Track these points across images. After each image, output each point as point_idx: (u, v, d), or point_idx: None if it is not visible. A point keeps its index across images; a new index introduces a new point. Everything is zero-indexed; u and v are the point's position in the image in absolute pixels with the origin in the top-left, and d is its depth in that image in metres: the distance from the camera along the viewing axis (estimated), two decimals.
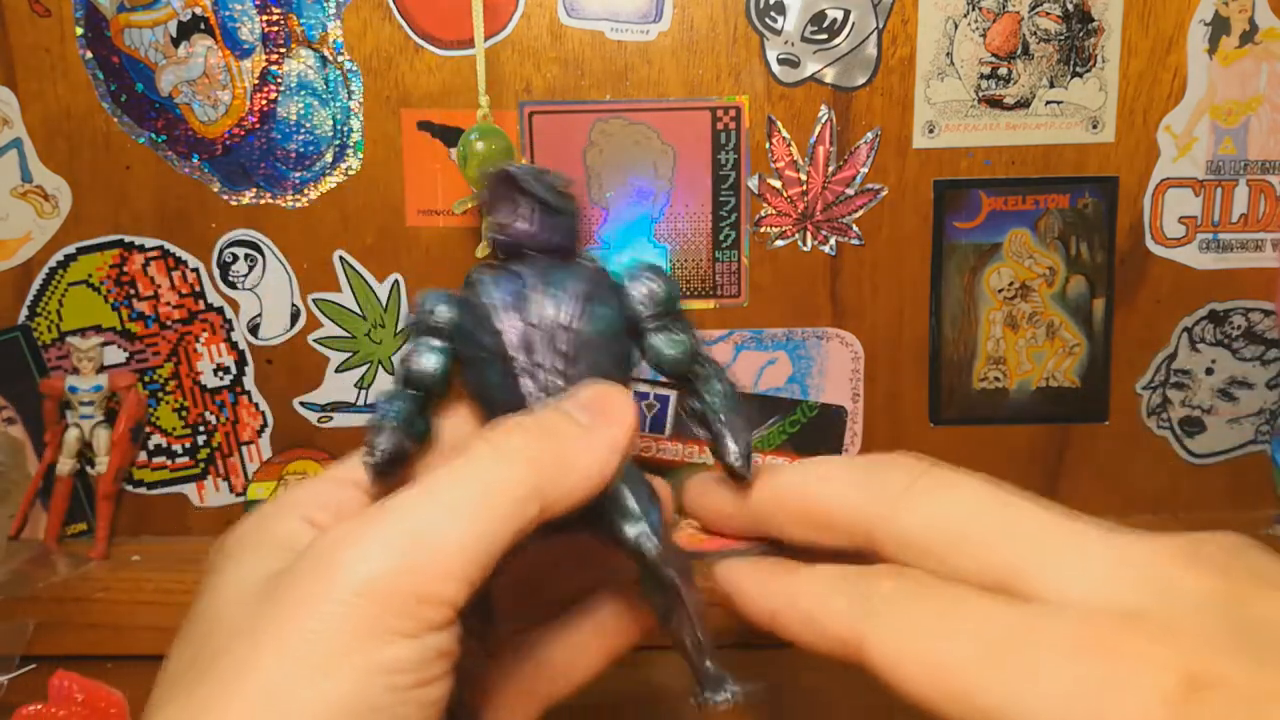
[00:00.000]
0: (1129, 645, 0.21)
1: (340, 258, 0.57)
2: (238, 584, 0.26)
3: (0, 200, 0.56)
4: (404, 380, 0.31)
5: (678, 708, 0.49)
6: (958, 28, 0.54)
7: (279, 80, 0.55)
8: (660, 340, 0.31)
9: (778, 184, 0.56)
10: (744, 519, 0.31)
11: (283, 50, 0.55)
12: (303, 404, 0.58)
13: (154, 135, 0.56)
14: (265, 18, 0.54)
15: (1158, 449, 0.59)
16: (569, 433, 0.27)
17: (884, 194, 0.56)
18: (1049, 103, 0.55)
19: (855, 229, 0.56)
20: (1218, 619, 0.22)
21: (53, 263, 0.57)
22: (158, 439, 0.59)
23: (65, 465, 0.57)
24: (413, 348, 0.31)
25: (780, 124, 0.55)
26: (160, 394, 0.58)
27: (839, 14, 0.54)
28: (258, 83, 0.55)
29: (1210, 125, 0.55)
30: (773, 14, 0.54)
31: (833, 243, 0.56)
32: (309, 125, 0.55)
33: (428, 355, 0.31)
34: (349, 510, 0.29)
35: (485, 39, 0.51)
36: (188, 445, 0.59)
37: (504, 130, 0.51)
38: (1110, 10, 0.54)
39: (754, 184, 0.56)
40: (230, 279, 0.57)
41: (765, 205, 0.56)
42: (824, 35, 0.54)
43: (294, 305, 0.57)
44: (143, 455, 0.59)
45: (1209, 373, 0.58)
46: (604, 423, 0.28)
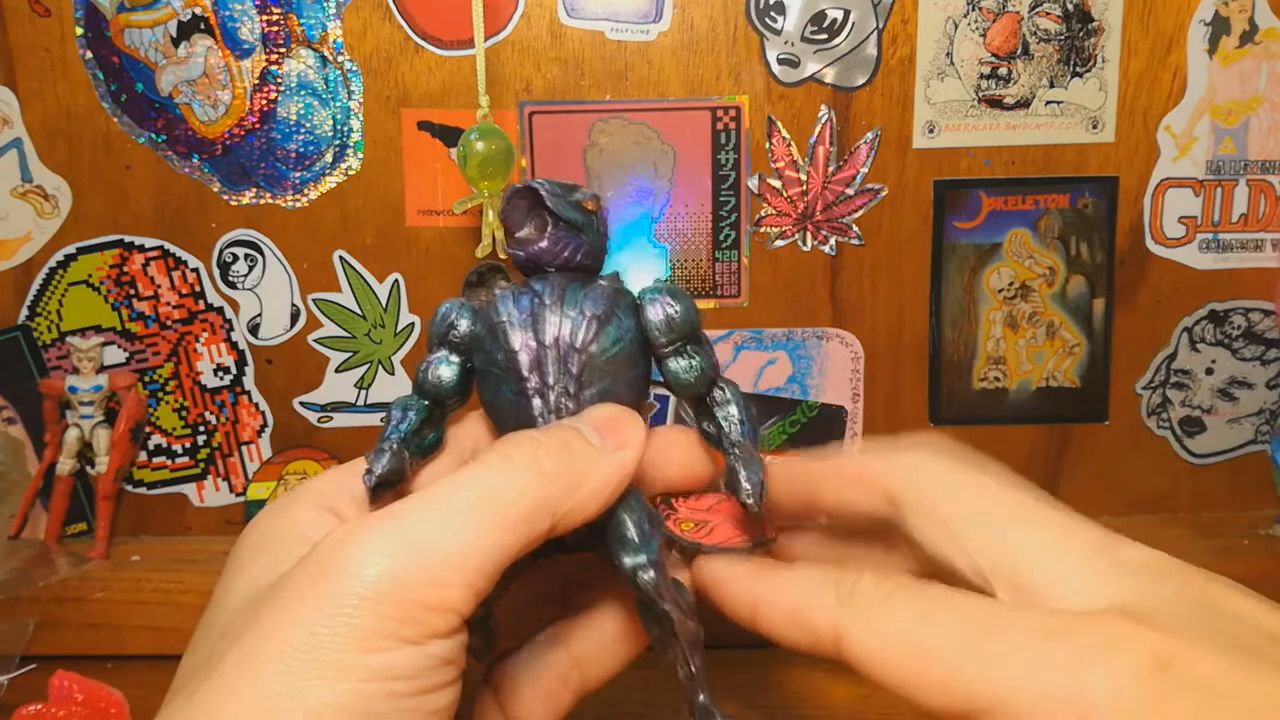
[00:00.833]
0: (1104, 629, 0.22)
1: (340, 258, 0.57)
2: (251, 581, 0.26)
3: (0, 200, 0.56)
4: (419, 389, 0.31)
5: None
6: (958, 28, 0.54)
7: (279, 80, 0.55)
8: (677, 366, 0.31)
9: (778, 184, 0.56)
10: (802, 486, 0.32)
11: (283, 50, 0.55)
12: (303, 404, 0.58)
13: (154, 135, 0.56)
14: (265, 18, 0.54)
15: (1158, 449, 0.59)
16: (581, 451, 0.27)
17: (884, 194, 0.56)
18: (1049, 103, 0.55)
19: (855, 229, 0.56)
20: (1190, 614, 0.23)
21: (53, 263, 0.57)
22: (158, 439, 0.59)
23: (65, 465, 0.57)
24: (429, 358, 0.31)
25: (780, 124, 0.55)
26: (160, 394, 0.58)
27: (839, 14, 0.54)
28: (258, 83, 0.55)
29: (1210, 125, 0.55)
30: (773, 14, 0.54)
31: (833, 243, 0.56)
32: (309, 125, 0.55)
33: (443, 367, 0.31)
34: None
35: (485, 39, 0.51)
36: (188, 445, 0.59)
37: (504, 130, 0.51)
38: (1110, 10, 0.54)
39: (754, 184, 0.55)
40: (230, 279, 0.57)
41: (765, 205, 0.56)
42: (824, 35, 0.54)
43: (294, 305, 0.57)
44: (143, 455, 0.59)
45: (1209, 373, 0.58)
46: (615, 444, 0.28)
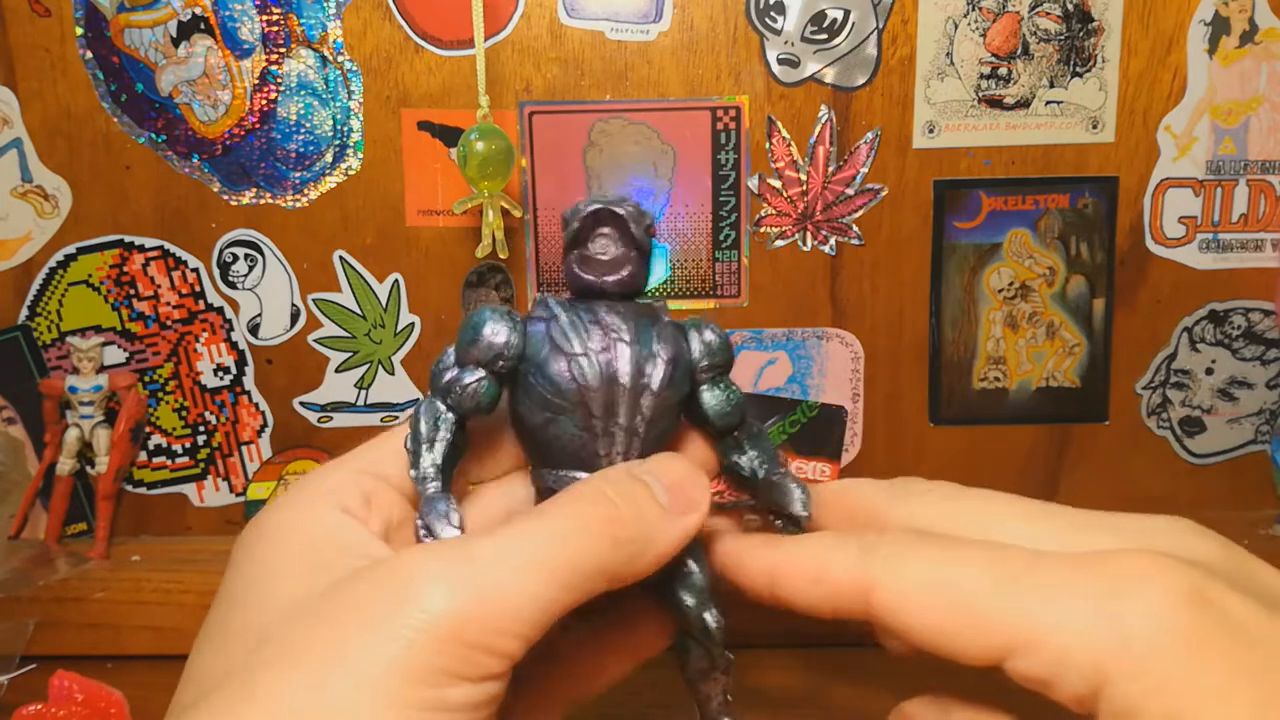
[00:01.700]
0: (1139, 560, 0.23)
1: (340, 258, 0.57)
2: (281, 589, 0.25)
3: (0, 200, 0.56)
4: (456, 407, 0.29)
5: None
6: (958, 28, 0.54)
7: (279, 80, 0.55)
8: (714, 395, 0.31)
9: (778, 184, 0.56)
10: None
11: (283, 50, 0.55)
12: (303, 404, 0.58)
13: (154, 135, 0.56)
14: (265, 18, 0.54)
15: (1158, 449, 0.59)
16: (651, 515, 0.27)
17: (884, 194, 0.56)
18: (1049, 103, 0.55)
19: (855, 229, 0.56)
20: (1221, 565, 0.23)
21: (53, 263, 0.57)
22: (158, 439, 0.59)
23: (65, 465, 0.57)
24: (467, 377, 0.29)
25: (780, 124, 0.55)
26: (160, 394, 0.58)
27: (839, 14, 0.54)
28: (258, 83, 0.55)
29: (1210, 125, 0.55)
30: (773, 14, 0.54)
31: (833, 243, 0.56)
32: (309, 125, 0.55)
33: (484, 388, 0.29)
34: (381, 503, 0.29)
35: (485, 39, 0.51)
36: (188, 445, 0.59)
37: (504, 130, 0.51)
38: (1110, 10, 0.54)
39: (754, 184, 0.55)
40: (230, 279, 0.57)
41: (765, 205, 0.56)
42: (824, 35, 0.54)
43: (294, 305, 0.57)
44: (143, 455, 0.59)
45: (1209, 373, 0.58)
46: (684, 508, 0.28)
